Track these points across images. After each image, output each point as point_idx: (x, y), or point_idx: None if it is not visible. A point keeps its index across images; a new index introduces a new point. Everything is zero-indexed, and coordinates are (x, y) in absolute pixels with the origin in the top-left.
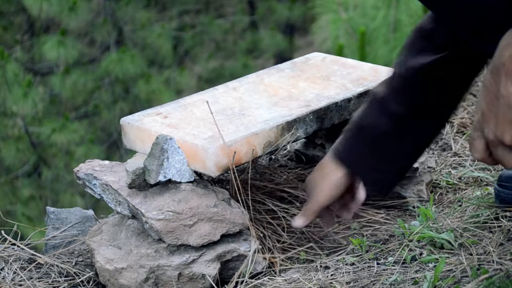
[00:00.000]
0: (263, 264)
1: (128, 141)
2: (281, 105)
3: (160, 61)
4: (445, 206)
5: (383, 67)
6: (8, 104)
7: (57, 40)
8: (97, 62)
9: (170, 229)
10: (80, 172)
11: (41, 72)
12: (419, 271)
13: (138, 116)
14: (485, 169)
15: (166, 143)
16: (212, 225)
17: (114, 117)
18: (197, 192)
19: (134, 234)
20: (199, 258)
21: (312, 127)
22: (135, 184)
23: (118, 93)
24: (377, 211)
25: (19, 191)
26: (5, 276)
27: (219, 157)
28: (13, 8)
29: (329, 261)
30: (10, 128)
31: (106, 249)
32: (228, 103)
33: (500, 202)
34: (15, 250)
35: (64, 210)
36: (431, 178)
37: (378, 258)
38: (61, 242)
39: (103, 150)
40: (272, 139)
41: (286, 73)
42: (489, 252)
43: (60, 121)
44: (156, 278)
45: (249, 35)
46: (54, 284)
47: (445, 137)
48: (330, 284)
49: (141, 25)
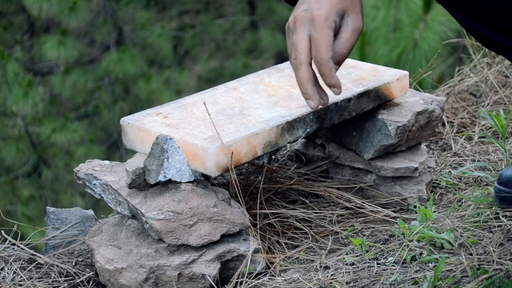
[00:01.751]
0: (263, 264)
1: (128, 141)
2: (281, 105)
3: (160, 61)
4: (445, 206)
5: (383, 67)
6: (8, 104)
7: (57, 40)
8: (97, 62)
9: (170, 229)
10: (80, 172)
11: (41, 72)
12: (419, 271)
13: (138, 116)
14: (485, 169)
15: (166, 143)
16: (212, 225)
17: (114, 117)
18: (197, 192)
19: (134, 234)
20: (199, 258)
21: (312, 127)
22: (135, 184)
23: (118, 93)
24: (377, 211)
25: (19, 191)
26: (5, 276)
27: (219, 157)
28: (13, 8)
29: (329, 261)
30: (10, 128)
31: (106, 249)
32: (228, 103)
33: (500, 201)
34: (15, 250)
35: (64, 210)
36: (431, 178)
37: (378, 258)
38: (61, 242)
39: (103, 150)
40: (272, 139)
41: (286, 73)
42: (489, 252)
43: (60, 121)
44: (156, 278)
45: (249, 35)
46: (54, 284)
47: (445, 137)
48: (330, 284)
49: (141, 25)
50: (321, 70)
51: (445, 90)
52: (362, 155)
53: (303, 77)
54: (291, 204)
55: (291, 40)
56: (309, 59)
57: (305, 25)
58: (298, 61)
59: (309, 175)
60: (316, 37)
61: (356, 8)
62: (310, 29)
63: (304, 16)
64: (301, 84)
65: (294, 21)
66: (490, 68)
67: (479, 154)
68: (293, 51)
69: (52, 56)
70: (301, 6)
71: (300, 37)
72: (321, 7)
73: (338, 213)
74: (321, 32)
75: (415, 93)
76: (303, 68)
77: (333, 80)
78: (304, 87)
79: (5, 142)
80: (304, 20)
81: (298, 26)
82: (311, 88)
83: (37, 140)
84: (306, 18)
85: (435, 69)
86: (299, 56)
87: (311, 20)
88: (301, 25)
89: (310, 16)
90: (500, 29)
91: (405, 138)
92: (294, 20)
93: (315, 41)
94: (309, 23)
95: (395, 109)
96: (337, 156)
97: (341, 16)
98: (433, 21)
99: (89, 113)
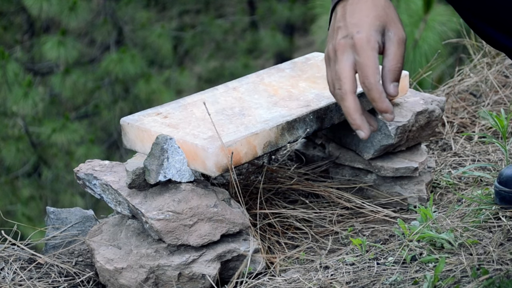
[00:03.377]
0: (263, 264)
1: (128, 141)
2: (281, 105)
3: (160, 61)
4: (445, 206)
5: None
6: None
7: (57, 40)
8: (97, 62)
9: (170, 229)
10: (80, 172)
11: (41, 72)
12: (419, 271)
13: (138, 116)
14: (485, 169)
15: (166, 143)
16: (212, 225)
17: (114, 117)
18: (197, 192)
19: (134, 234)
20: (199, 258)
21: (312, 127)
22: (135, 184)
23: (118, 93)
24: (377, 211)
25: (19, 191)
26: (5, 276)
27: (219, 157)
28: (13, 8)
29: (329, 261)
30: (10, 128)
31: (106, 249)
32: (228, 103)
33: (500, 201)
34: (15, 250)
35: (64, 210)
36: (431, 178)
37: (378, 258)
38: (61, 242)
39: (103, 150)
40: (272, 139)
41: (286, 73)
42: (489, 252)
43: (60, 121)
44: (156, 278)
45: (249, 35)
46: (54, 284)
47: (445, 137)
48: (330, 284)
49: (141, 25)
50: (371, 95)
51: (445, 90)
52: (362, 155)
53: (350, 107)
54: (291, 204)
55: (332, 69)
56: (355, 88)
57: (347, 52)
58: (343, 91)
59: (309, 175)
60: (361, 61)
61: (394, 19)
62: (354, 55)
63: (344, 44)
64: (349, 115)
65: (334, 50)
66: (490, 68)
67: (479, 154)
68: (337, 81)
69: (52, 56)
70: (338, 33)
71: (343, 65)
72: (360, 30)
73: (338, 213)
74: (365, 56)
75: (415, 93)
76: (349, 98)
77: (384, 105)
78: (353, 118)
79: (5, 142)
80: (345, 48)
81: (339, 54)
82: (360, 118)
83: (37, 140)
84: (348, 45)
85: (435, 69)
86: (343, 85)
87: (353, 46)
88: (343, 53)
89: (351, 42)
90: (504, 29)
91: (405, 138)
92: (334, 49)
93: (361, 66)
94: (351, 50)
95: (395, 109)
96: (337, 156)
97: (382, 33)
98: (433, 21)
99: (89, 113)
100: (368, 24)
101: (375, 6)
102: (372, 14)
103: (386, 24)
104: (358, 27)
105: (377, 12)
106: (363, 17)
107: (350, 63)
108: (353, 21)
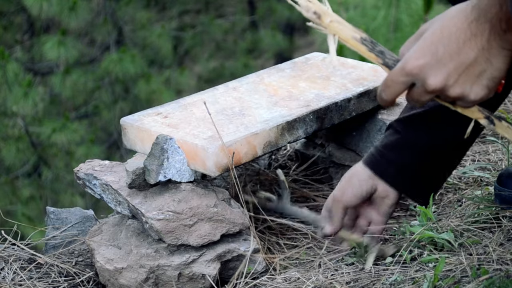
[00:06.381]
0: (263, 264)
1: (128, 141)
2: (281, 105)
3: (160, 61)
4: (445, 206)
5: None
6: (8, 104)
7: (57, 40)
8: (97, 62)
9: (170, 229)
10: (80, 172)
11: (41, 72)
12: (419, 271)
13: (138, 116)
14: (485, 169)
15: (166, 143)
16: (212, 225)
17: (114, 117)
18: (197, 192)
19: (134, 234)
20: (199, 258)
21: (312, 127)
22: (135, 184)
23: (118, 93)
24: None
25: (19, 191)
26: (5, 276)
27: (219, 157)
28: (13, 8)
29: (329, 261)
30: (10, 128)
31: (106, 249)
32: (228, 103)
33: (500, 201)
34: (15, 250)
35: (64, 210)
36: None
37: (378, 258)
38: (61, 242)
39: (103, 150)
40: (272, 139)
41: (286, 73)
42: (489, 252)
43: (60, 121)
44: (156, 278)
45: (249, 35)
46: (54, 284)
47: None
48: (330, 284)
49: (141, 25)
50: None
51: None
52: (362, 155)
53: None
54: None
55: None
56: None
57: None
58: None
59: (309, 175)
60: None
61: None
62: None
63: (334, 197)
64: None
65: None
66: None
67: (479, 154)
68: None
69: (52, 56)
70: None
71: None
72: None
73: None
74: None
75: None
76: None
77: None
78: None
79: (5, 142)
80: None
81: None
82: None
83: (37, 140)
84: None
85: None
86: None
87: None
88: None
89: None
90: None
91: None
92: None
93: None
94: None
95: (395, 109)
96: (337, 156)
97: (370, 192)
98: None
99: (89, 113)
100: (353, 194)
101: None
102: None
103: (376, 184)
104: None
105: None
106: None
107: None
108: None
